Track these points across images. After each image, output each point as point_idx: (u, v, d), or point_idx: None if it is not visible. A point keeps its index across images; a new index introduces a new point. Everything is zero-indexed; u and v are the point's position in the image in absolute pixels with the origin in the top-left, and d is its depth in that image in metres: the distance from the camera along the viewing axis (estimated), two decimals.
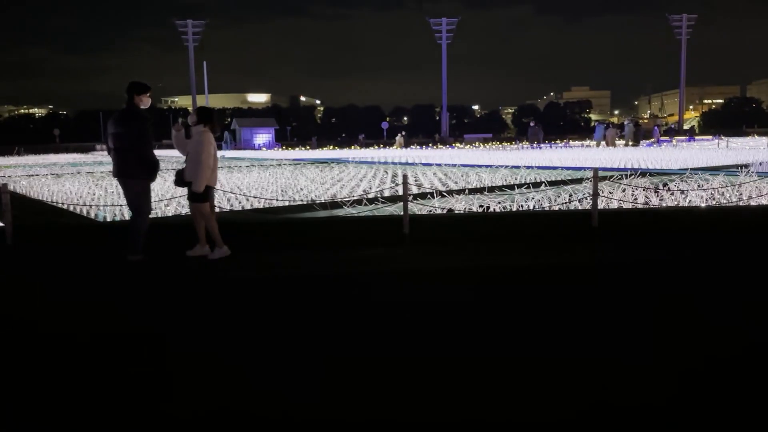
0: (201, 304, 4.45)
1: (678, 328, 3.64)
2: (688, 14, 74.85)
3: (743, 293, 4.40)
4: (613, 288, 4.58)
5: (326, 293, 4.52)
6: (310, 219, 7.64)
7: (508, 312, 4.00)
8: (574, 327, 3.69)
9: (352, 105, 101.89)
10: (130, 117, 5.87)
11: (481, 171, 16.18)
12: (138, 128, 5.83)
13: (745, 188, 10.07)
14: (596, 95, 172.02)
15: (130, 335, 3.72)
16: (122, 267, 5.62)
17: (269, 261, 5.71)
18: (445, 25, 72.23)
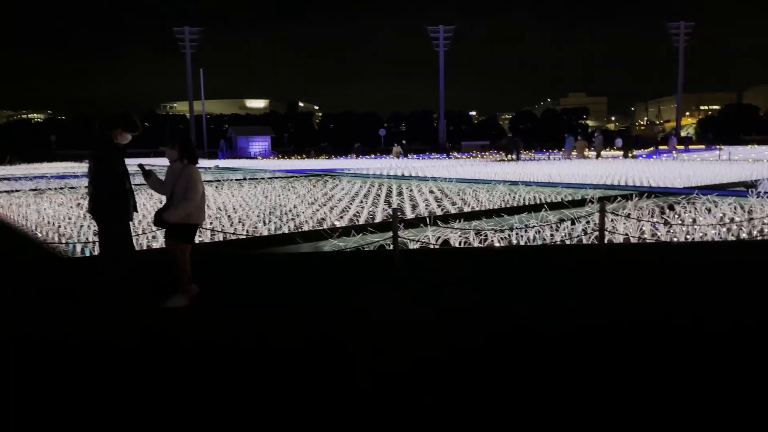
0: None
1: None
2: (686, 22, 74.64)
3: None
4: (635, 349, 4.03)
5: (295, 368, 3.94)
6: (292, 254, 7.10)
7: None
8: None
9: (349, 111, 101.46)
10: (93, 149, 5.38)
11: (478, 187, 15.66)
12: (97, 162, 5.31)
13: (757, 212, 9.56)
14: (593, 102, 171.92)
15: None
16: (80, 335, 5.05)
17: (225, 316, 5.06)
18: (442, 33, 71.90)
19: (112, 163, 5.27)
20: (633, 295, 5.22)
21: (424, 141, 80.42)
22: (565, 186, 15.14)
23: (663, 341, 4.05)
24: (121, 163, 5.39)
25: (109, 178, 5.27)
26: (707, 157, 28.97)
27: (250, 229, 9.18)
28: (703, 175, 16.33)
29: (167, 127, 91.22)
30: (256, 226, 9.42)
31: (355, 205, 12.18)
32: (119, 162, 5.35)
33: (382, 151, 61.33)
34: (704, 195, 11.53)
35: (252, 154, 53.81)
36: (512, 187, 15.30)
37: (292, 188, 16.62)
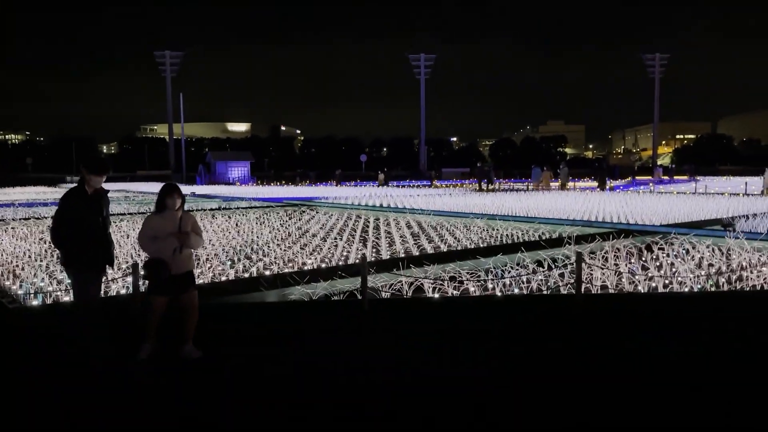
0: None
1: None
2: (661, 53, 76.40)
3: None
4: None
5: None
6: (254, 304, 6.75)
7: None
8: None
9: (330, 136, 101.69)
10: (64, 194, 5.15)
11: (456, 222, 15.47)
12: (57, 208, 5.05)
13: (735, 255, 9.46)
14: (571, 130, 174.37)
15: None
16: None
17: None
18: (423, 61, 72.67)
19: (71, 211, 4.93)
20: (608, 376, 4.97)
21: (406, 167, 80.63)
22: (542, 221, 15.01)
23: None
24: (91, 209, 4.96)
25: (61, 226, 4.95)
26: (684, 189, 29.23)
27: (216, 270, 8.82)
28: (680, 210, 16.33)
29: (146, 150, 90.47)
30: (223, 267, 9.07)
31: (329, 241, 11.87)
32: (87, 209, 4.95)
33: (363, 177, 61.23)
34: (682, 234, 11.46)
35: (230, 180, 53.31)
36: (490, 221, 15.13)
37: (267, 220, 16.28)
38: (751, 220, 13.48)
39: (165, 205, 5.02)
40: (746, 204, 18.10)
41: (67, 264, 5.03)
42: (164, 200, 5.02)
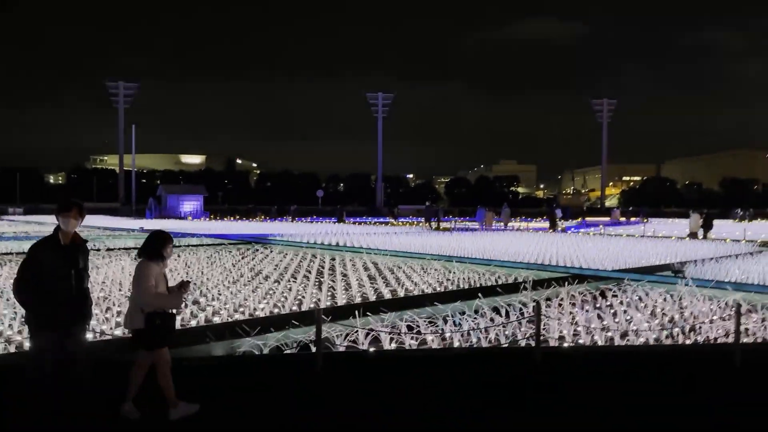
0: None
1: None
2: (609, 99, 79.76)
3: None
4: None
5: None
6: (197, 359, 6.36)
7: None
8: None
9: (287, 171, 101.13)
10: None
11: (413, 263, 15.35)
12: (25, 257, 4.61)
13: (686, 302, 9.60)
14: (523, 169, 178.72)
15: None
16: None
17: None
18: (381, 100, 73.70)
19: (38, 263, 4.44)
20: None
21: (362, 203, 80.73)
22: (498, 264, 15.04)
23: None
24: (64, 261, 4.47)
25: (23, 279, 4.46)
26: (633, 231, 30.06)
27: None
28: (631, 254, 16.65)
29: (94, 181, 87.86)
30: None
31: (283, 284, 11.52)
32: (59, 260, 4.46)
33: (320, 213, 60.88)
34: (634, 281, 11.62)
35: (182, 214, 52.00)
36: (447, 263, 15.07)
37: (218, 260, 15.78)
38: (700, 265, 13.81)
39: (162, 255, 4.83)
40: (693, 248, 18.64)
41: (29, 322, 4.56)
42: (163, 250, 4.82)
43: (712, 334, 7.74)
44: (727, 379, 6.07)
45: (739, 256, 15.82)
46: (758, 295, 10.21)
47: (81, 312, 4.59)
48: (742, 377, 6.13)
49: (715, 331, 7.78)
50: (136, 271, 4.78)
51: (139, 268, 4.79)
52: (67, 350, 4.49)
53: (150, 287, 4.70)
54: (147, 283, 4.69)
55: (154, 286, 4.72)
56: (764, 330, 7.98)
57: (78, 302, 4.55)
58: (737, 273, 12.62)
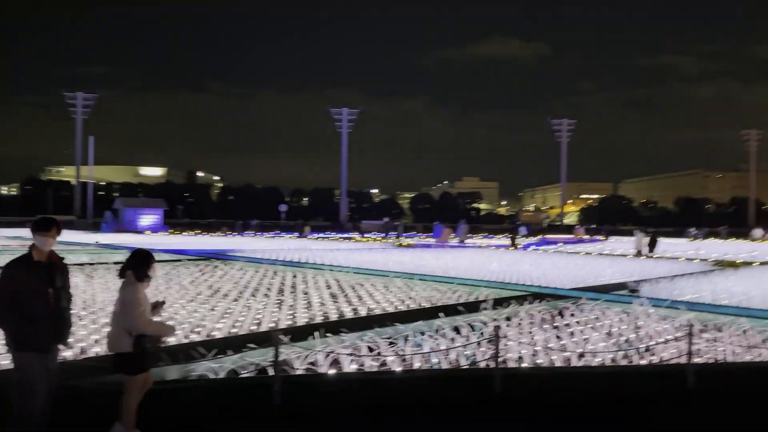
0: None
1: None
2: (568, 119, 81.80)
3: None
4: None
5: None
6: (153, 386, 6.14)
7: None
8: None
9: (250, 185, 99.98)
10: None
11: (375, 281, 15.29)
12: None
13: (642, 321, 9.81)
14: (485, 186, 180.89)
15: None
16: None
17: None
18: (345, 115, 73.88)
19: (11, 282, 4.31)
20: None
21: (327, 218, 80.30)
22: (460, 282, 15.11)
23: None
24: (38, 280, 4.33)
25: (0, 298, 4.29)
26: (590, 249, 30.69)
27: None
28: (589, 272, 16.97)
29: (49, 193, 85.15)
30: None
31: (242, 303, 11.31)
32: (33, 279, 4.32)
33: (283, 228, 60.31)
34: (591, 300, 11.82)
35: (140, 229, 50.78)
36: (409, 281, 15.08)
37: (176, 275, 15.43)
38: (655, 284, 14.16)
39: (149, 276, 4.72)
40: (648, 267, 19.12)
41: (9, 344, 4.40)
42: (149, 269, 4.70)
43: (666, 354, 7.90)
44: (680, 402, 6.19)
45: (693, 275, 16.30)
46: (710, 314, 10.50)
47: (59, 333, 4.45)
48: (695, 399, 6.26)
49: (669, 352, 7.95)
50: (126, 295, 4.61)
51: (128, 291, 4.61)
52: (44, 375, 4.36)
53: (144, 312, 4.59)
54: (140, 307, 4.56)
55: (147, 310, 4.63)
56: (716, 350, 8.20)
57: (56, 323, 4.39)
58: (690, 292, 12.98)
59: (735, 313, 10.58)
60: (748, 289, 13.19)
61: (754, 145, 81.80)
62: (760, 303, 11.53)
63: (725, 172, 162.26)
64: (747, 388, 6.63)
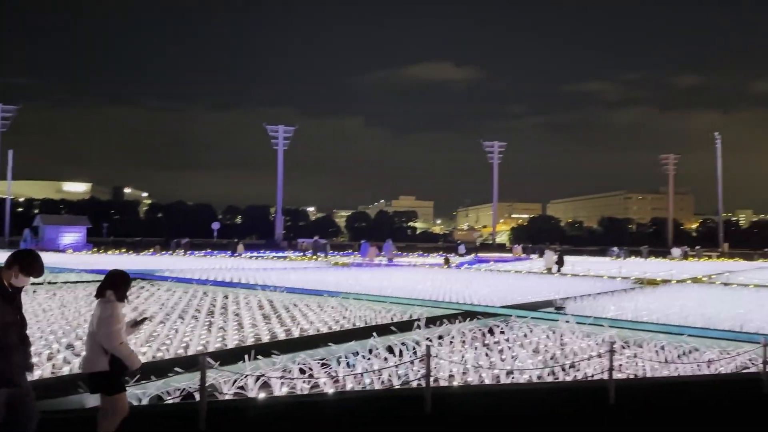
0: None
1: None
2: (500, 141, 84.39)
3: None
4: None
5: None
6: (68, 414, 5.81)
7: None
8: None
9: (180, 201, 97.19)
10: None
11: (309, 300, 15.13)
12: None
13: (567, 338, 10.16)
14: (421, 205, 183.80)
15: None
16: None
17: None
18: (282, 132, 73.28)
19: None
20: None
21: (261, 236, 78.95)
22: (394, 301, 15.17)
23: None
24: (12, 308, 4.21)
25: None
26: (520, 268, 31.57)
27: None
28: (518, 290, 17.46)
29: None
30: (38, 360, 7.86)
31: (169, 325, 10.91)
32: (8, 308, 4.16)
33: (215, 246, 58.80)
34: (520, 317, 12.15)
35: (61, 248, 48.21)
36: (343, 300, 15.01)
37: None
38: (579, 301, 14.72)
39: (126, 297, 4.83)
40: (574, 284, 19.86)
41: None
42: (126, 290, 4.82)
43: (590, 370, 8.21)
44: (602, 417, 6.43)
45: (615, 293, 17.06)
46: (630, 331, 10.99)
47: (27, 361, 4.36)
48: (616, 414, 6.52)
49: (592, 368, 8.26)
50: (104, 311, 4.63)
51: (106, 307, 4.64)
52: (27, 405, 4.29)
53: (120, 331, 4.63)
54: (117, 325, 4.61)
55: (122, 330, 4.69)
56: (636, 366, 8.58)
57: (25, 351, 4.33)
58: (613, 309, 13.57)
59: (654, 330, 11.12)
60: (666, 306, 13.94)
61: (671, 168, 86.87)
62: (677, 320, 12.20)
63: (646, 194, 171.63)
64: (665, 402, 6.98)
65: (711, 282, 23.02)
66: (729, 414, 6.70)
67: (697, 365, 8.69)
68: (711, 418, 6.54)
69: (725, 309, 13.49)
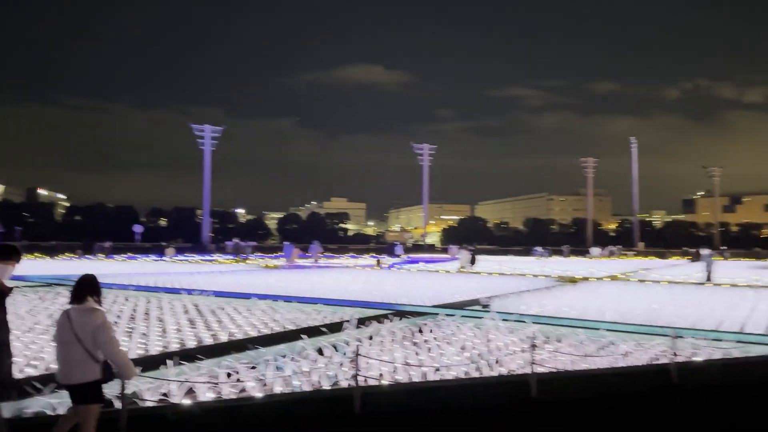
0: None
1: None
2: (429, 144, 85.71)
3: None
4: None
5: None
6: None
7: None
8: None
9: (100, 203, 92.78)
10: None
11: (237, 304, 14.83)
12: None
13: (492, 335, 10.46)
14: (353, 207, 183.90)
15: None
16: None
17: None
18: (209, 132, 71.41)
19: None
20: None
21: (188, 239, 76.54)
22: (324, 303, 15.12)
23: None
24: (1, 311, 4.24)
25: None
26: (449, 268, 32.20)
27: None
28: (448, 289, 17.81)
29: None
30: None
31: None
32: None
33: (138, 250, 56.53)
34: (449, 316, 12.41)
35: None
36: (273, 303, 14.80)
37: (12, 304, 13.82)
38: (504, 299, 15.18)
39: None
40: (500, 283, 20.48)
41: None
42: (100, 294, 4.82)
43: (513, 365, 8.49)
44: (524, 409, 6.67)
45: (538, 291, 17.73)
46: (552, 327, 11.45)
47: (7, 366, 4.36)
48: (537, 406, 6.78)
49: (515, 363, 8.55)
50: (96, 319, 4.56)
51: (97, 315, 4.58)
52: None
53: (116, 338, 4.61)
54: (113, 332, 4.62)
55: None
56: (556, 360, 8.94)
57: (8, 355, 4.34)
58: (535, 306, 14.09)
59: (573, 325, 11.63)
60: (585, 302, 14.62)
61: (591, 171, 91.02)
62: (595, 315, 12.81)
63: (567, 196, 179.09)
64: (583, 393, 7.32)
65: (627, 279, 24.31)
66: (641, 402, 7.11)
67: (614, 358, 9.15)
68: (625, 407, 6.92)
69: (640, 304, 14.31)
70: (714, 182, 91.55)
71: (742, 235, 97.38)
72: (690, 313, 12.96)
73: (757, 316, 12.98)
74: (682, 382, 7.71)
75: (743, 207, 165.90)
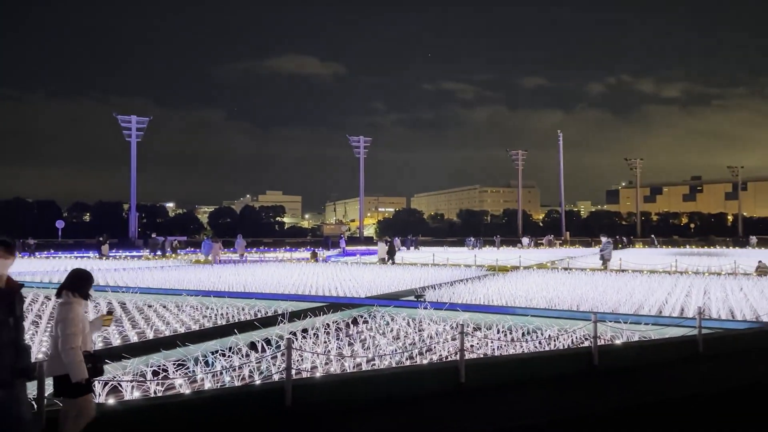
0: None
1: None
2: (365, 137, 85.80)
3: None
4: None
5: None
6: None
7: None
8: None
9: (18, 198, 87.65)
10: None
11: (166, 301, 14.40)
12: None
13: (425, 324, 10.65)
14: (289, 200, 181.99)
15: None
16: None
17: None
18: (134, 123, 68.62)
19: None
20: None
21: (114, 234, 73.48)
22: (258, 297, 14.92)
23: None
24: (2, 308, 4.12)
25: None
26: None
27: None
28: (383, 281, 17.94)
29: None
30: None
31: None
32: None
33: (59, 247, 53.81)
34: (383, 307, 12.52)
35: None
36: (204, 299, 14.47)
37: None
38: (438, 289, 15.46)
39: (89, 296, 4.88)
40: (434, 274, 20.82)
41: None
42: (89, 289, 4.84)
43: (444, 352, 8.69)
44: (453, 393, 6.86)
45: (470, 280, 18.14)
46: (482, 314, 11.76)
47: (24, 362, 4.27)
48: (465, 390, 6.98)
49: (446, 350, 8.75)
50: (60, 313, 4.64)
51: (62, 310, 4.64)
52: (11, 413, 4.13)
53: (75, 335, 4.59)
54: (72, 328, 4.60)
55: (78, 334, 4.64)
56: (486, 346, 9.22)
57: (17, 354, 4.21)
58: (467, 295, 14.42)
59: (502, 312, 12.00)
60: (514, 290, 15.09)
61: (520, 163, 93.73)
62: (523, 302, 13.27)
63: (498, 188, 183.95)
64: (510, 377, 7.58)
65: (554, 267, 25.25)
66: (564, 382, 7.45)
67: (539, 342, 9.52)
68: (548, 387, 7.22)
69: (565, 291, 14.91)
70: (636, 174, 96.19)
71: (661, 223, 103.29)
72: (611, 298, 13.63)
73: (672, 300, 13.81)
74: (602, 363, 8.12)
75: (663, 197, 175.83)
